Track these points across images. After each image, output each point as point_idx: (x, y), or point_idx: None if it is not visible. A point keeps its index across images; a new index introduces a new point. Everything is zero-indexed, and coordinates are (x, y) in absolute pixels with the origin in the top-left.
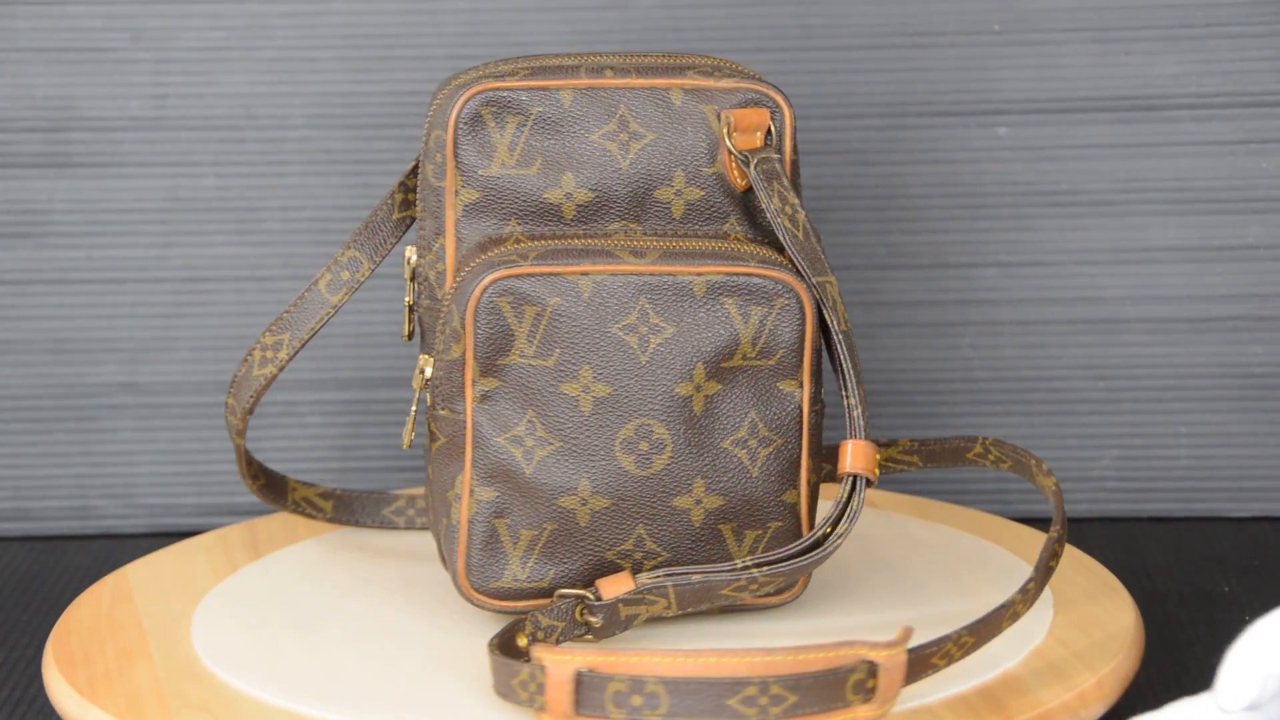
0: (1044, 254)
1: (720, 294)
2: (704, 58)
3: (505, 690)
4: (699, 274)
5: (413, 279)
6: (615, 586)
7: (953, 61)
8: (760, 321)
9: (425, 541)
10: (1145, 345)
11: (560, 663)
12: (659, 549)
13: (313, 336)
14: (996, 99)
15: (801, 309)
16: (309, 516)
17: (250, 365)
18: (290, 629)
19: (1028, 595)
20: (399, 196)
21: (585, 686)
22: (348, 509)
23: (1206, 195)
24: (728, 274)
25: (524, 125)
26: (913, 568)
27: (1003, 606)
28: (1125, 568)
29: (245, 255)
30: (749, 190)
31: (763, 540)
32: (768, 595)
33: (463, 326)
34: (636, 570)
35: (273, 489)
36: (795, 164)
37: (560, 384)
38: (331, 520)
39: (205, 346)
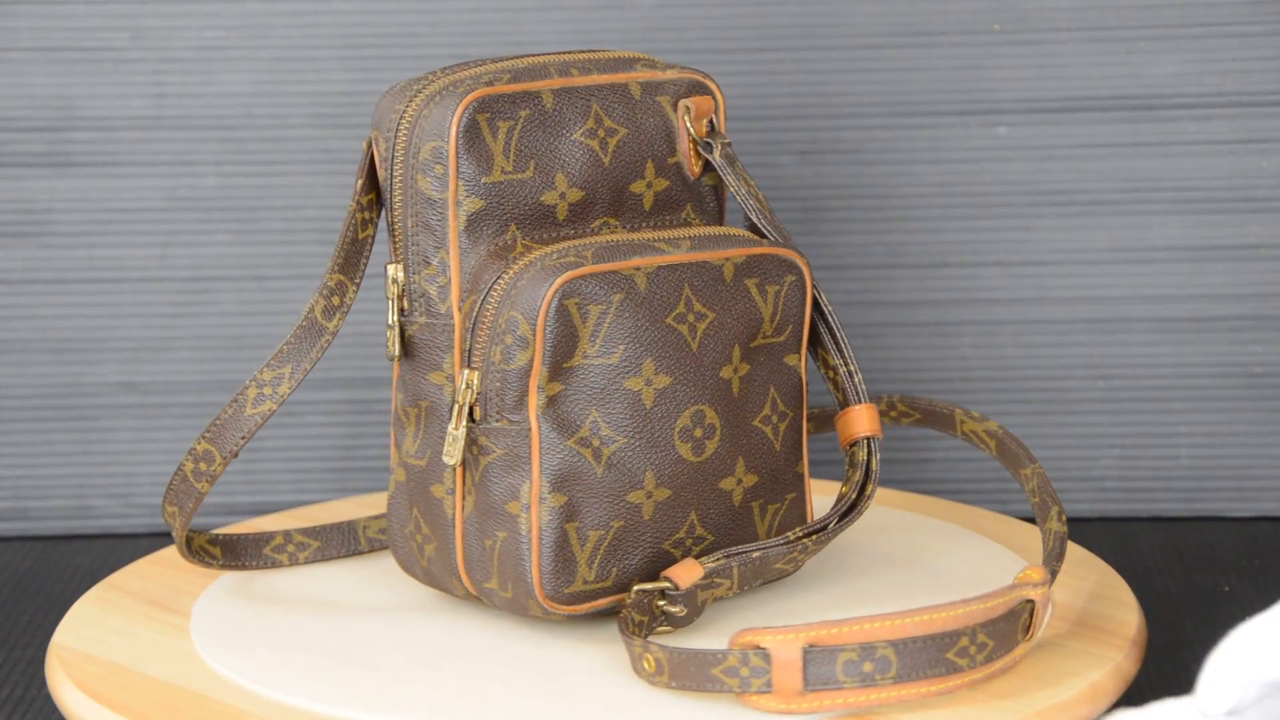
0: (1044, 254)
1: (743, 276)
2: (626, 51)
3: (701, 681)
4: (726, 258)
5: (400, 297)
6: (687, 574)
7: (953, 61)
8: (775, 299)
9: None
10: (1145, 345)
11: (785, 642)
12: (706, 533)
13: (313, 368)
14: (996, 99)
15: (804, 283)
16: (207, 565)
17: (241, 405)
18: (290, 627)
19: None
20: (359, 216)
21: (814, 661)
22: (233, 554)
23: (1206, 195)
24: (748, 255)
25: (514, 129)
26: (905, 545)
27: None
28: (1125, 568)
29: (245, 255)
30: (699, 178)
31: (780, 513)
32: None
33: (532, 333)
34: (685, 556)
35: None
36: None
37: (624, 380)
38: (224, 567)
39: (205, 346)
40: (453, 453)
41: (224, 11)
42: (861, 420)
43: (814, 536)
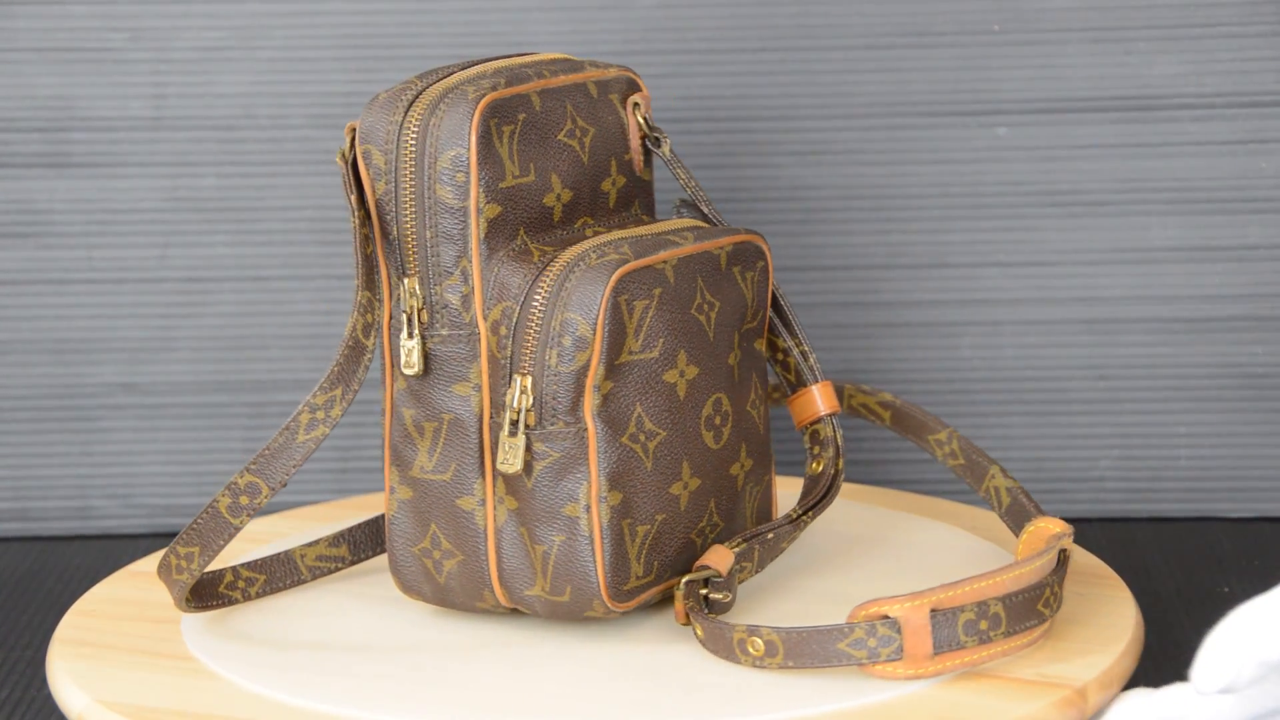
0: (1044, 254)
1: (731, 264)
2: (557, 53)
3: (824, 658)
4: (720, 247)
5: (419, 310)
6: (721, 561)
7: (953, 61)
8: (753, 285)
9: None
10: (1145, 345)
11: (913, 609)
12: (719, 520)
13: (360, 388)
14: (996, 99)
15: (769, 269)
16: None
17: (293, 432)
18: (289, 626)
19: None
20: (363, 232)
21: (939, 624)
22: (198, 596)
23: (1206, 195)
24: (735, 244)
25: (515, 133)
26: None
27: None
28: (1125, 568)
29: (245, 255)
30: (640, 172)
31: (758, 494)
32: None
33: (591, 333)
34: (705, 544)
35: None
36: None
37: (663, 373)
38: (195, 608)
39: (205, 346)
40: (513, 461)
41: (224, 12)
42: (824, 399)
43: (809, 514)
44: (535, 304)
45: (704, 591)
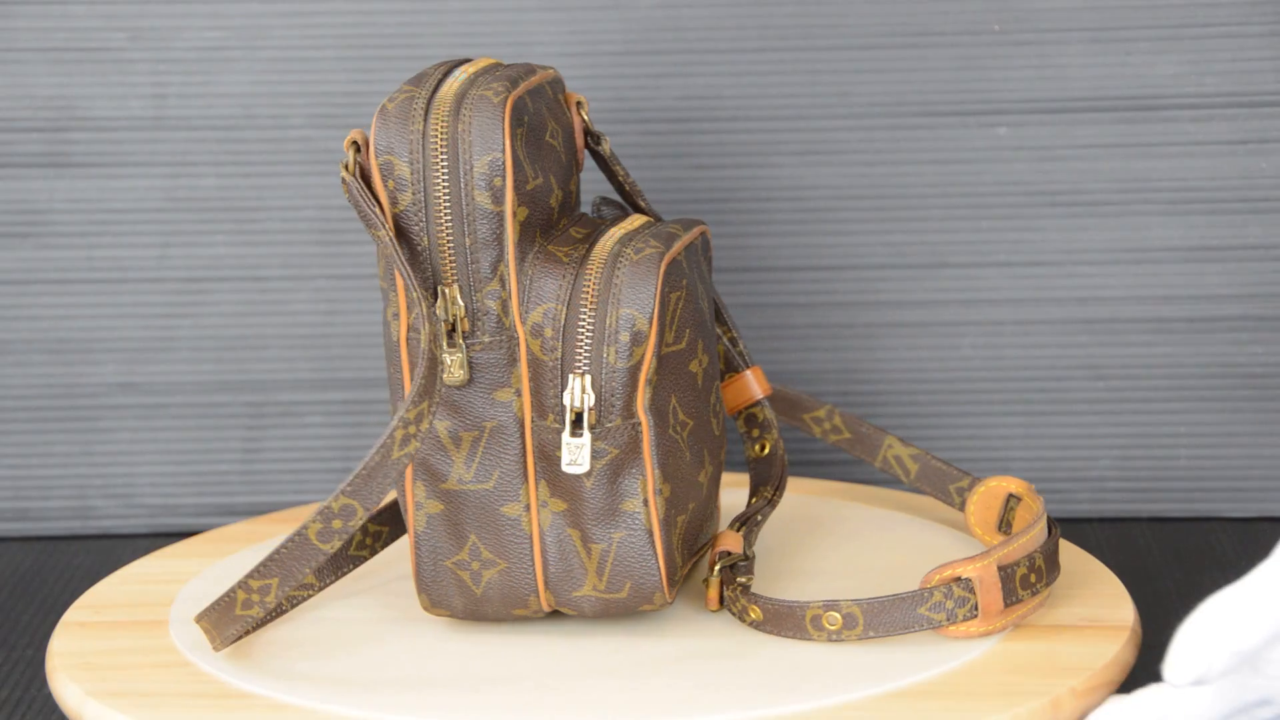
0: (1044, 254)
1: (701, 253)
2: (492, 58)
3: (906, 624)
4: (695, 238)
5: (461, 319)
6: (734, 544)
7: (953, 61)
8: (710, 273)
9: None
10: (1145, 345)
11: (984, 568)
12: (717, 505)
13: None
14: (996, 99)
15: (711, 259)
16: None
17: (388, 449)
18: (281, 627)
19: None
20: (398, 242)
21: (1005, 580)
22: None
23: (1206, 195)
24: (702, 233)
25: (523, 135)
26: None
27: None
28: (1125, 568)
29: (245, 255)
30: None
31: (716, 480)
32: None
33: (648, 325)
34: (707, 530)
35: None
36: None
37: (689, 363)
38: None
39: (205, 346)
40: (582, 460)
41: (224, 12)
42: (758, 382)
43: (779, 491)
44: (583, 303)
45: (741, 579)
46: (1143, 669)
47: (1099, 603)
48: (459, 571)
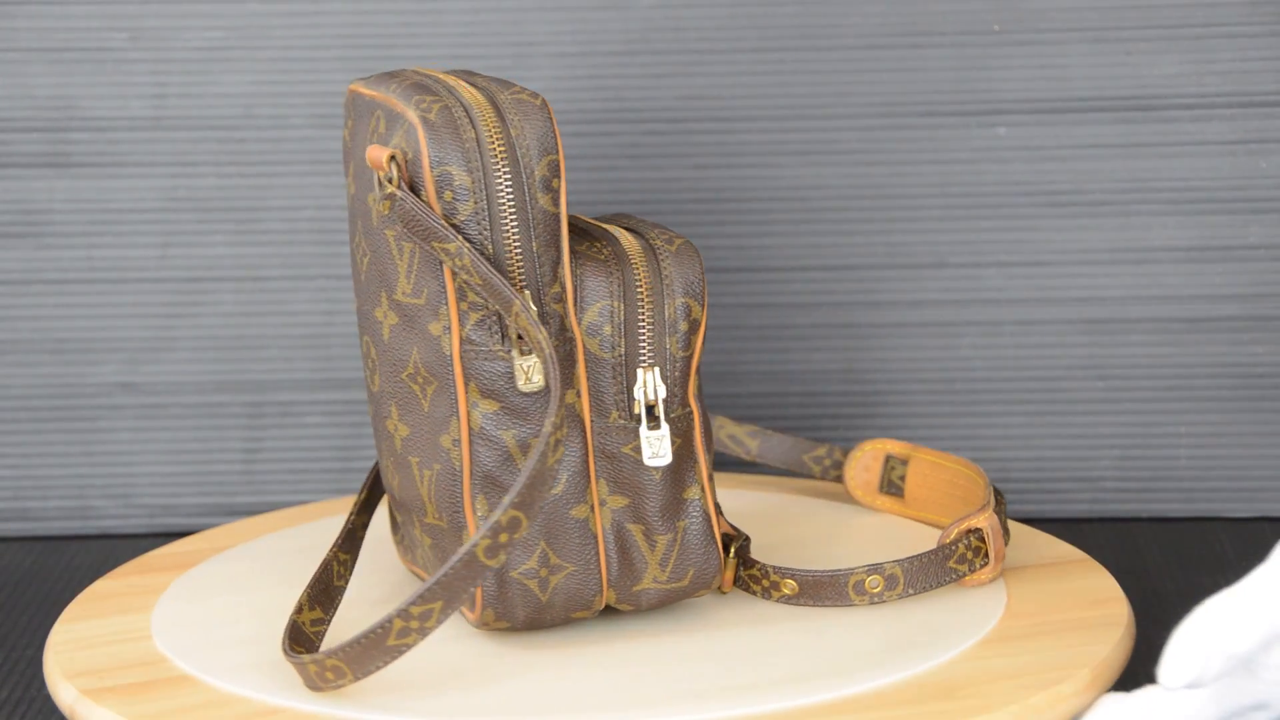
0: (1044, 254)
1: None
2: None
3: (939, 578)
4: None
5: (539, 323)
6: (726, 526)
7: (953, 61)
8: None
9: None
10: (1145, 345)
11: (988, 517)
12: None
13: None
14: (996, 99)
15: None
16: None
17: (544, 458)
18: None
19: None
20: (477, 250)
21: (1001, 526)
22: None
23: (1206, 195)
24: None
25: None
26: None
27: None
28: (1125, 568)
29: (245, 255)
30: None
31: None
32: None
33: (701, 313)
34: None
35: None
36: None
37: (697, 351)
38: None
39: (205, 346)
40: (665, 453)
41: (224, 12)
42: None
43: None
44: (639, 296)
45: (755, 557)
46: (1140, 669)
47: (1096, 602)
48: (526, 581)
